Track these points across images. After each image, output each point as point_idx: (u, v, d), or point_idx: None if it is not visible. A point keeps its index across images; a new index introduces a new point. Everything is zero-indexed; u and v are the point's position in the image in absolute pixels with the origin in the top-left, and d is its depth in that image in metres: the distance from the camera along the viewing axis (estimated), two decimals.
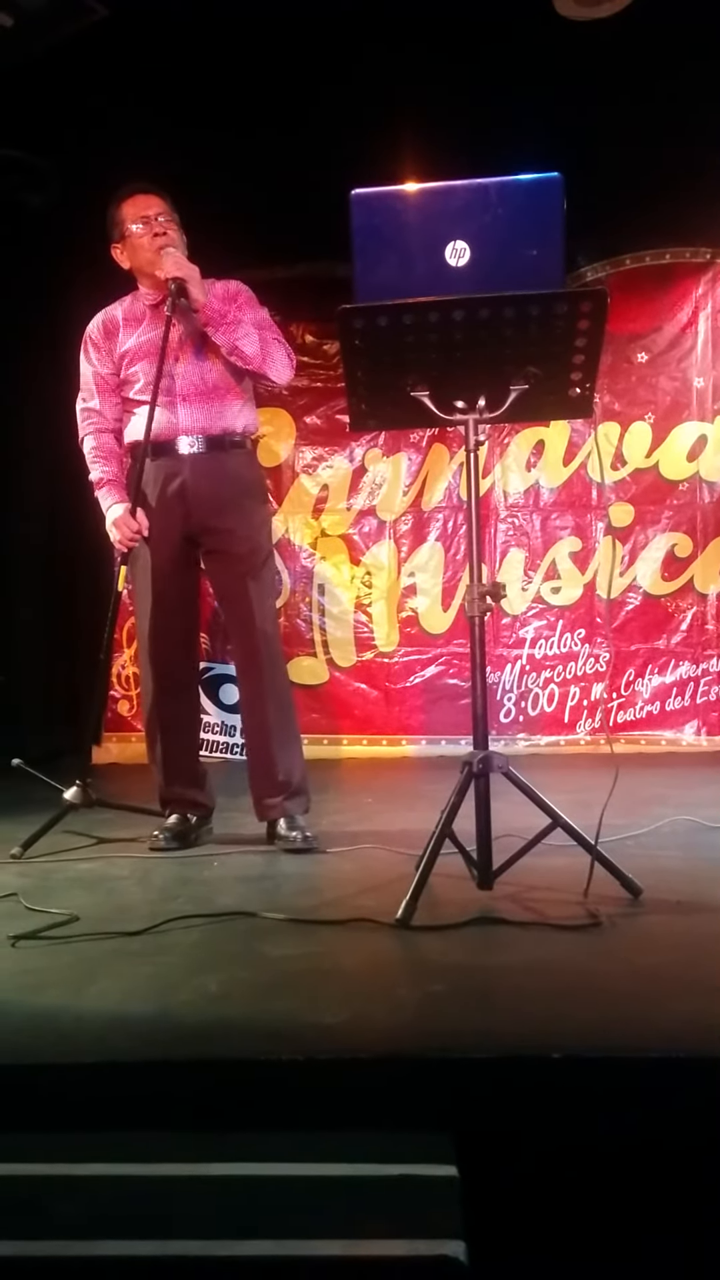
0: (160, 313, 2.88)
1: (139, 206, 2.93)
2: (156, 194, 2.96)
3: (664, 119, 4.29)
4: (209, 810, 3.02)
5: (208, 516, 2.90)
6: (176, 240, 2.91)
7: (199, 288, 2.82)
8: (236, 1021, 1.55)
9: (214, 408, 2.90)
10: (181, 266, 2.81)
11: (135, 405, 2.94)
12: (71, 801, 2.86)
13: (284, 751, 2.90)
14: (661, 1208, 1.33)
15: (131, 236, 2.92)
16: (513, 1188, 1.32)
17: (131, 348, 2.94)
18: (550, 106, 4.09)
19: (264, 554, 3.00)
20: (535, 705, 5.11)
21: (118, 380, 2.97)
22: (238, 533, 2.91)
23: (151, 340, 2.88)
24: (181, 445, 2.89)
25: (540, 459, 5.18)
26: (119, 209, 2.95)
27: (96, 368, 2.98)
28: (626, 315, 4.92)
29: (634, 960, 1.81)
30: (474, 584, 2.21)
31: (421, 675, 5.19)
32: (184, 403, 2.88)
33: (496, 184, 2.16)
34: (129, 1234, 1.17)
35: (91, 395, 2.99)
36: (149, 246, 2.88)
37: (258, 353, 2.86)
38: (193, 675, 3.11)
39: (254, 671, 2.92)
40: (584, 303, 2.13)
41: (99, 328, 3.00)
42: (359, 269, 2.19)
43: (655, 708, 5.03)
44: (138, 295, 3.01)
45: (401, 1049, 1.43)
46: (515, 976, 1.74)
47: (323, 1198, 1.20)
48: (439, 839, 2.12)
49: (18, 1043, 1.49)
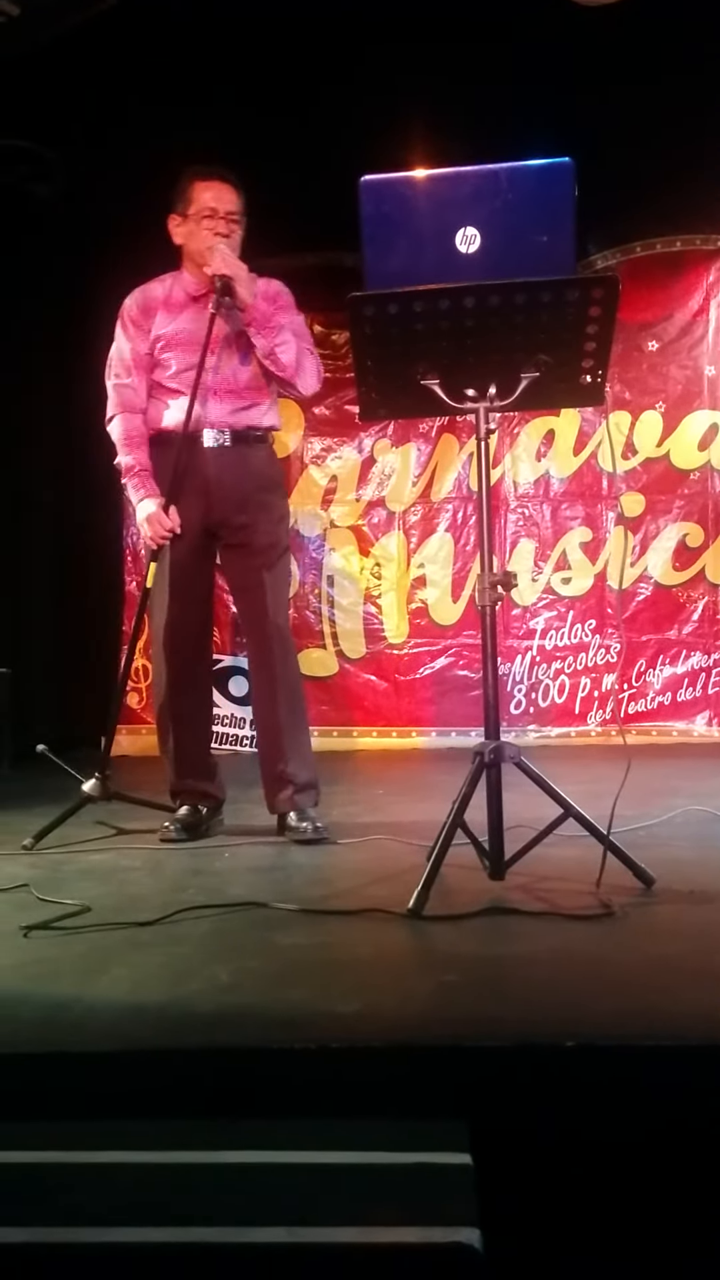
0: (202, 304, 2.86)
1: (213, 195, 2.87)
2: (234, 188, 2.90)
3: (675, 106, 4.26)
4: (219, 802, 3.03)
5: (229, 511, 2.89)
6: (236, 244, 2.87)
7: (246, 287, 2.79)
8: (249, 1010, 1.55)
9: (242, 405, 2.89)
10: (230, 264, 2.78)
11: (164, 392, 2.91)
12: (89, 794, 2.86)
13: (295, 745, 2.90)
14: (676, 1196, 1.33)
15: (193, 220, 2.87)
16: (527, 1176, 1.32)
17: (168, 333, 2.90)
18: (561, 93, 4.07)
19: (281, 548, 3.00)
20: (546, 696, 5.10)
21: (152, 361, 2.93)
22: (258, 527, 2.91)
23: (190, 332, 2.86)
24: (206, 438, 2.88)
25: (550, 449, 5.16)
26: (191, 187, 2.89)
27: (135, 344, 2.93)
28: (637, 303, 4.90)
29: (647, 950, 1.81)
30: (485, 573, 2.20)
31: (431, 667, 5.18)
32: (214, 397, 2.87)
33: (507, 169, 2.15)
34: (142, 1221, 1.17)
35: (127, 373, 2.94)
36: (208, 239, 2.83)
37: (292, 362, 2.85)
38: (207, 668, 3.12)
39: (267, 665, 2.92)
40: (596, 289, 2.12)
41: (138, 305, 2.95)
42: (369, 256, 2.18)
43: (667, 698, 5.02)
44: (180, 279, 2.95)
45: (415, 1038, 1.42)
46: (528, 966, 1.74)
47: (337, 1185, 1.20)
48: (451, 829, 2.12)
49: (31, 1032, 1.49)
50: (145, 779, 3.52)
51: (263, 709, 2.97)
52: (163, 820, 2.93)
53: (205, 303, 2.84)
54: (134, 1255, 1.13)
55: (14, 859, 2.63)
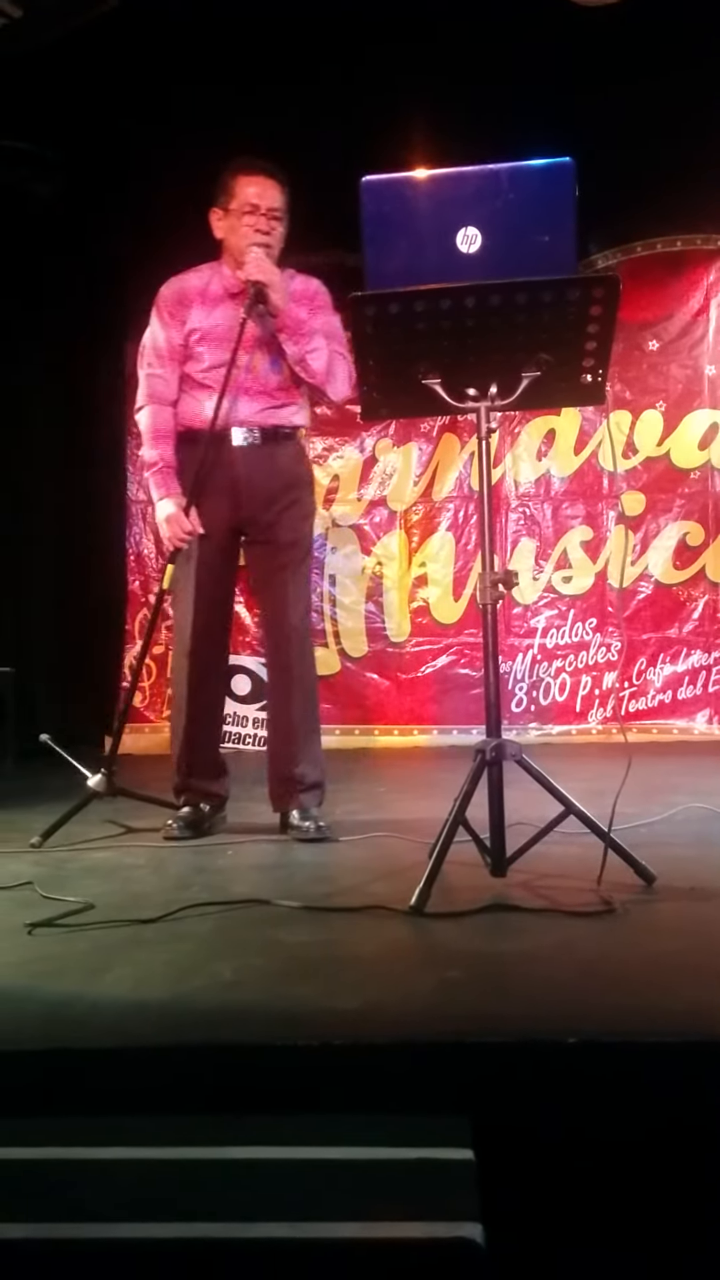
0: (239, 300, 2.85)
1: (255, 190, 2.83)
2: (278, 183, 2.86)
3: (675, 106, 4.27)
4: (223, 800, 3.03)
5: (257, 509, 2.89)
6: (276, 241, 2.85)
7: (280, 295, 2.78)
8: (252, 1007, 1.55)
9: (274, 405, 2.89)
10: (264, 270, 2.76)
11: (195, 387, 2.89)
12: (95, 790, 2.86)
13: (306, 745, 2.91)
14: (677, 1192, 1.33)
15: (235, 214, 2.84)
16: (529, 1171, 1.33)
17: (203, 328, 2.88)
18: (561, 93, 4.08)
19: (305, 548, 3.00)
20: (547, 694, 5.11)
21: (185, 352, 2.91)
22: (283, 524, 2.91)
23: (226, 328, 2.84)
24: (236, 437, 2.87)
25: (551, 448, 5.17)
26: (234, 180, 2.85)
27: (169, 334, 2.90)
28: (638, 303, 4.91)
29: (648, 947, 1.81)
30: (486, 571, 2.21)
31: (433, 665, 5.19)
32: (245, 396, 2.86)
33: (508, 169, 2.15)
34: (145, 1217, 1.17)
35: (160, 362, 2.92)
36: (246, 236, 2.81)
37: (323, 369, 2.85)
38: (224, 669, 3.11)
39: (284, 664, 2.93)
40: (597, 289, 2.12)
41: (173, 295, 2.92)
42: (370, 256, 2.18)
43: (667, 696, 5.03)
44: (219, 272, 2.93)
45: (417, 1034, 1.43)
46: (530, 963, 1.75)
47: (339, 1181, 1.20)
48: (452, 826, 2.12)
49: (34, 1029, 1.49)
50: (149, 777, 3.52)
51: (277, 708, 2.97)
52: (167, 818, 2.93)
53: (241, 299, 2.83)
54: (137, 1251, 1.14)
55: (18, 857, 2.64)
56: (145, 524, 5.43)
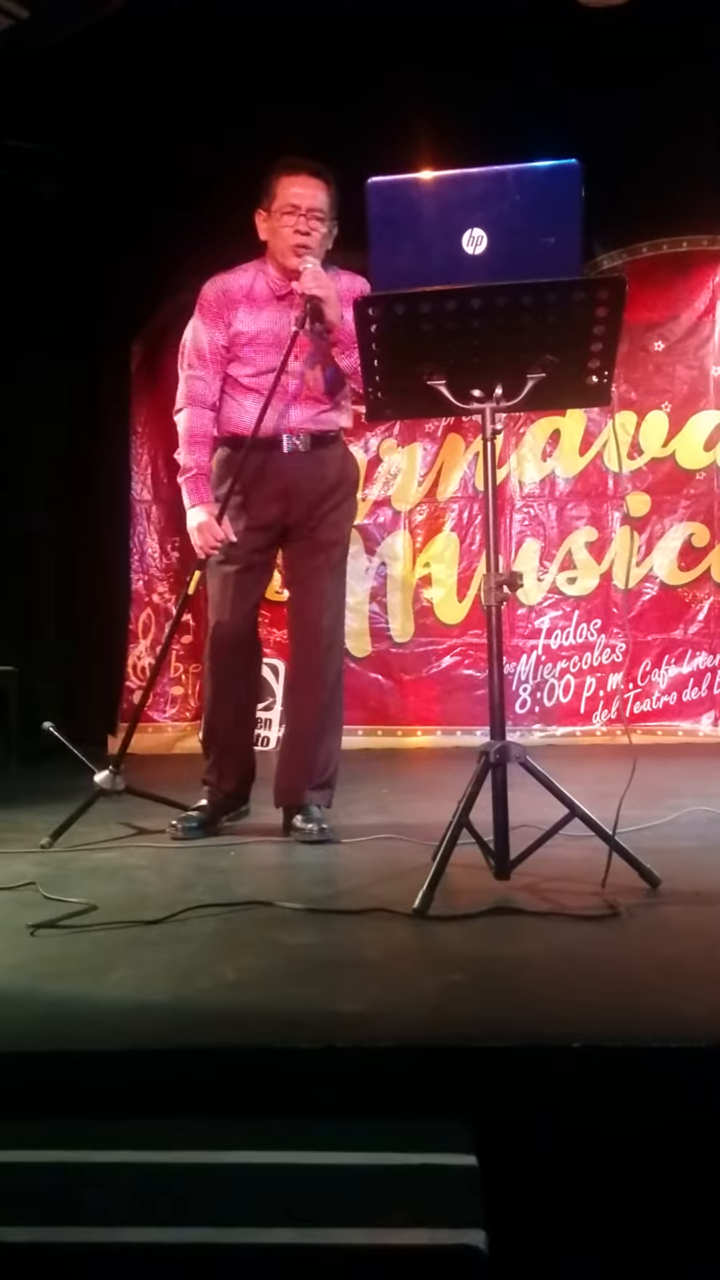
0: (285, 303, 2.83)
1: (296, 190, 2.78)
2: (320, 181, 2.80)
3: (680, 107, 4.26)
4: (241, 801, 3.02)
5: (305, 511, 2.88)
6: (318, 241, 2.79)
7: (335, 310, 2.73)
8: (255, 1009, 1.55)
9: (322, 409, 2.88)
10: (320, 285, 2.71)
11: (241, 391, 2.86)
12: (102, 786, 2.86)
13: (324, 742, 2.90)
14: (681, 1198, 1.33)
15: (276, 217, 2.80)
16: (532, 1177, 1.32)
17: (249, 331, 2.84)
18: (566, 95, 4.07)
19: (344, 547, 2.99)
20: (551, 696, 5.10)
21: (228, 355, 2.87)
22: (327, 524, 2.90)
23: (271, 333, 2.82)
24: (285, 444, 2.85)
25: (556, 448, 5.16)
26: (276, 181, 2.81)
27: (213, 336, 2.85)
28: (643, 304, 4.90)
29: (653, 950, 1.81)
30: (491, 573, 2.20)
31: (437, 666, 5.19)
32: (295, 402, 2.84)
33: (514, 171, 2.15)
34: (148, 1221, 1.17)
35: (203, 363, 2.87)
36: (288, 238, 2.78)
37: None
38: (257, 671, 3.10)
39: (309, 664, 2.91)
40: (602, 290, 2.12)
41: (218, 295, 2.86)
42: (375, 257, 2.18)
43: (672, 698, 5.02)
44: (265, 273, 2.87)
45: (420, 1038, 1.43)
46: (534, 966, 1.74)
47: (343, 1186, 1.20)
48: (456, 829, 2.12)
49: (37, 1030, 1.49)
50: (151, 776, 3.53)
51: (295, 702, 2.97)
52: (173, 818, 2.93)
53: (288, 302, 2.82)
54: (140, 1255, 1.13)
55: (21, 856, 2.64)
56: (149, 523, 5.43)
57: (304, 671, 2.94)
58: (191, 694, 5.38)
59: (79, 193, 4.84)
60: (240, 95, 4.18)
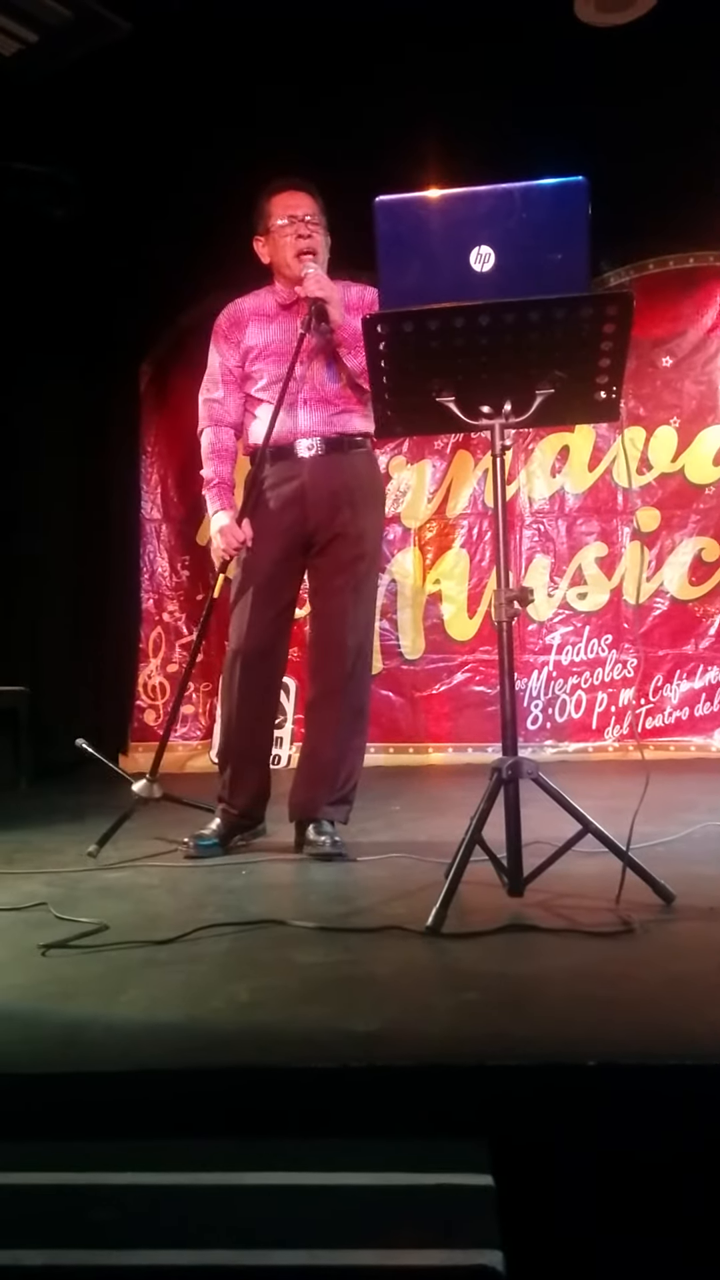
0: (292, 313, 2.88)
1: (288, 204, 2.89)
2: (308, 192, 2.91)
3: (685, 123, 4.28)
4: (256, 821, 3.01)
5: (324, 517, 2.87)
6: (320, 245, 2.88)
7: (339, 310, 2.80)
8: (268, 1029, 1.54)
9: (334, 412, 2.89)
10: (324, 287, 2.78)
11: (256, 404, 2.92)
12: (141, 795, 2.86)
13: (345, 760, 2.88)
14: (701, 1218, 1.31)
15: (275, 232, 2.88)
16: (549, 1197, 1.31)
17: (258, 345, 2.91)
18: (571, 111, 4.09)
19: (369, 562, 2.95)
20: (563, 712, 5.09)
21: (243, 373, 2.94)
22: (348, 534, 2.88)
23: (280, 342, 2.87)
24: (300, 449, 2.87)
25: (565, 464, 5.17)
26: (268, 203, 2.91)
27: (224, 359, 2.96)
28: (650, 319, 4.92)
29: (668, 967, 1.79)
30: (501, 589, 2.20)
31: (448, 683, 5.18)
32: (305, 406, 2.87)
33: (521, 189, 2.15)
34: (161, 1243, 1.16)
35: (216, 386, 2.97)
36: (290, 248, 2.85)
37: None
38: (278, 685, 3.05)
39: (330, 684, 2.88)
40: (610, 306, 2.12)
41: (228, 319, 2.97)
42: (384, 276, 2.19)
43: (684, 713, 5.00)
44: (271, 290, 2.97)
45: (435, 1057, 1.41)
46: (548, 984, 1.73)
47: (357, 1206, 1.19)
48: (469, 845, 2.11)
49: (49, 1051, 1.48)
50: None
51: (315, 728, 2.92)
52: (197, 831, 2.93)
53: (295, 312, 2.86)
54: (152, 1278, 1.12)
55: (31, 877, 2.63)
56: (159, 542, 5.45)
57: (324, 691, 2.90)
58: (203, 713, 5.38)
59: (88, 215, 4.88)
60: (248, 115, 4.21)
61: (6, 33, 3.91)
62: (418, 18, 3.82)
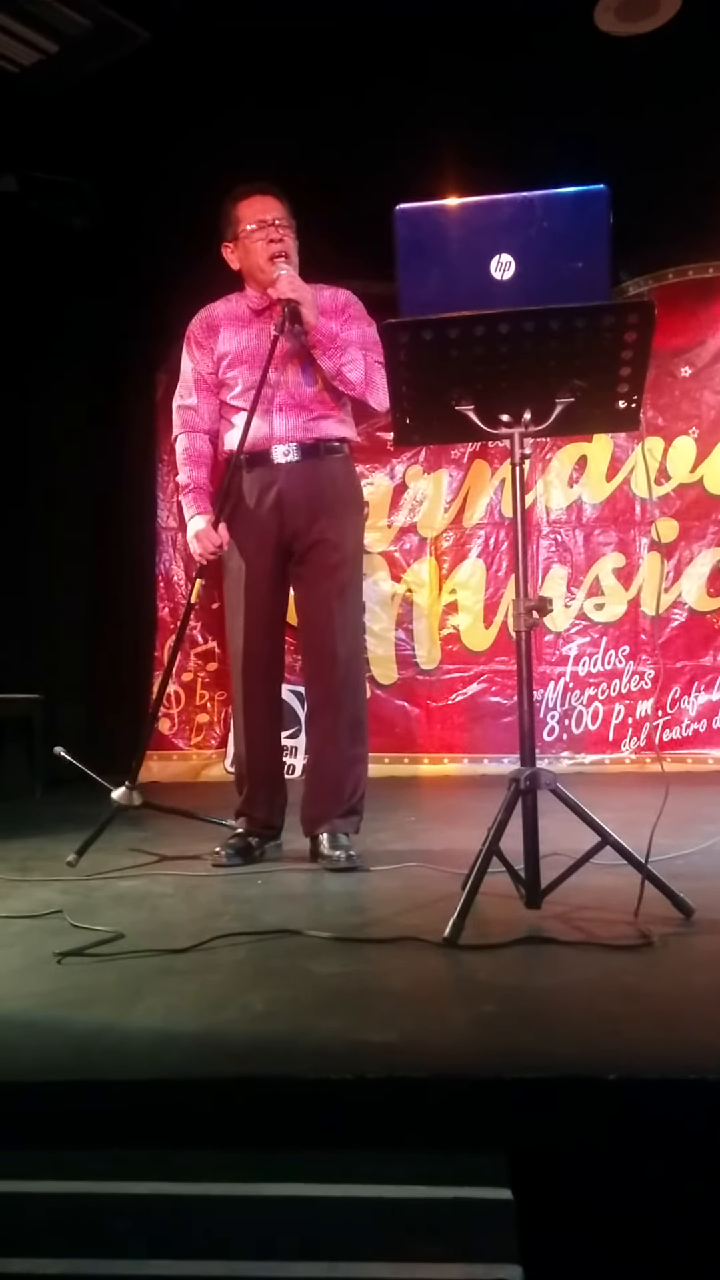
0: (265, 319, 2.88)
1: (256, 208, 2.90)
2: (275, 196, 2.92)
3: (704, 133, 4.27)
4: (276, 831, 3.00)
5: (301, 523, 2.87)
6: (291, 248, 2.88)
7: (311, 310, 2.80)
8: (284, 1039, 1.53)
9: (310, 418, 2.88)
10: (296, 288, 2.78)
11: (232, 411, 2.92)
12: (120, 802, 2.86)
13: (350, 769, 2.87)
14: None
15: (245, 238, 2.90)
16: (568, 1211, 1.29)
17: (231, 351, 2.91)
18: (591, 120, 4.09)
19: (351, 567, 2.93)
20: (579, 723, 5.06)
21: (217, 380, 2.95)
22: (328, 540, 2.87)
23: (253, 348, 2.87)
24: (276, 454, 2.87)
25: (583, 475, 5.16)
26: (235, 208, 2.92)
27: (197, 365, 2.96)
28: (670, 329, 4.90)
29: (689, 981, 1.78)
30: (520, 598, 2.19)
31: (464, 693, 5.17)
32: (280, 412, 2.86)
33: (541, 197, 2.15)
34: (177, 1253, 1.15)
35: (190, 393, 2.98)
36: (262, 252, 2.86)
37: (361, 379, 2.85)
38: (278, 691, 3.06)
39: (326, 694, 2.88)
40: (631, 315, 2.11)
41: (201, 325, 2.98)
42: (403, 283, 2.18)
43: (702, 725, 4.97)
44: (242, 295, 2.98)
45: (453, 1069, 1.40)
46: (567, 996, 1.71)
47: (375, 1219, 1.18)
48: (486, 857, 2.09)
49: (64, 1060, 1.48)
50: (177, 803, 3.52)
51: (318, 737, 2.92)
52: (206, 844, 2.93)
53: (268, 317, 2.86)
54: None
55: (47, 885, 2.63)
56: (175, 550, 5.46)
57: (322, 700, 2.90)
58: (217, 721, 5.38)
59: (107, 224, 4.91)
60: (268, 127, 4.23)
61: (26, 43, 3.95)
62: (438, 28, 3.83)
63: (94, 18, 3.81)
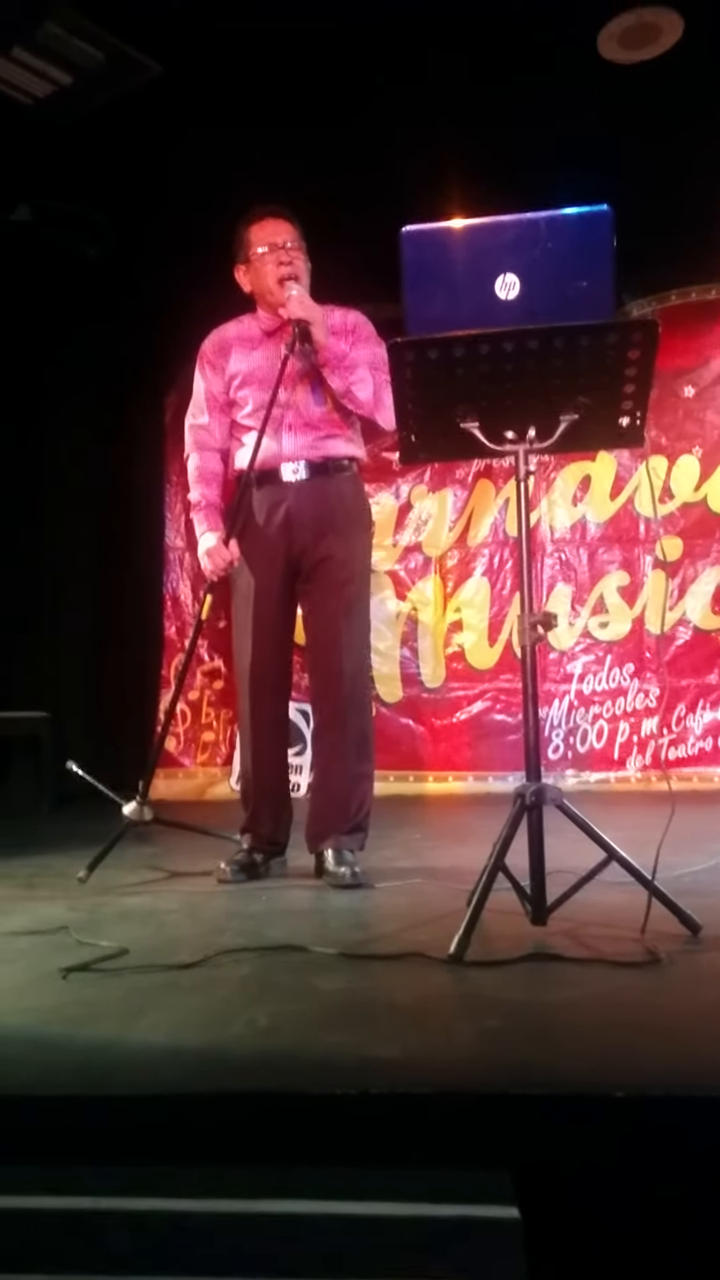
0: (276, 339, 2.91)
1: (268, 231, 2.93)
2: (287, 219, 2.96)
3: (709, 155, 4.31)
4: (281, 847, 3.00)
5: (309, 541, 2.88)
6: (302, 270, 2.92)
7: (322, 330, 2.83)
8: (288, 1055, 1.52)
9: (319, 436, 2.90)
10: (307, 308, 2.82)
11: (243, 430, 2.95)
12: (131, 818, 2.86)
13: (356, 786, 2.87)
14: None
15: (256, 260, 2.92)
16: (575, 1230, 1.28)
17: (243, 370, 2.94)
18: (594, 144, 4.12)
19: (358, 585, 2.95)
20: (584, 741, 5.06)
21: (228, 399, 2.98)
22: (335, 558, 2.88)
23: (264, 368, 2.89)
24: (285, 473, 2.89)
25: (587, 494, 5.17)
26: (246, 231, 2.96)
27: (209, 384, 3.00)
28: (673, 350, 4.93)
29: (695, 997, 1.77)
30: (525, 613, 2.20)
31: (468, 711, 5.16)
32: (290, 431, 2.89)
33: (546, 218, 2.17)
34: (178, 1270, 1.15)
35: (202, 412, 3.01)
36: (273, 274, 2.89)
37: (370, 399, 2.87)
38: (285, 709, 3.07)
39: (332, 712, 2.89)
40: (636, 333, 2.13)
41: (213, 345, 3.02)
42: (409, 303, 2.20)
43: (708, 744, 4.96)
44: (255, 317, 3.01)
45: (458, 1085, 1.39)
46: (573, 1013, 1.70)
47: (380, 1237, 1.17)
48: (491, 873, 2.09)
49: (69, 1074, 1.47)
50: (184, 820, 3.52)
51: (323, 754, 2.93)
52: (213, 860, 2.93)
53: (279, 338, 2.88)
54: None
55: (53, 901, 2.63)
56: (183, 570, 5.48)
57: (328, 717, 2.91)
58: (223, 740, 5.38)
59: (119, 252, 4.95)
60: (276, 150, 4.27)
61: (40, 74, 4.00)
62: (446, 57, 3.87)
63: (106, 50, 3.87)
